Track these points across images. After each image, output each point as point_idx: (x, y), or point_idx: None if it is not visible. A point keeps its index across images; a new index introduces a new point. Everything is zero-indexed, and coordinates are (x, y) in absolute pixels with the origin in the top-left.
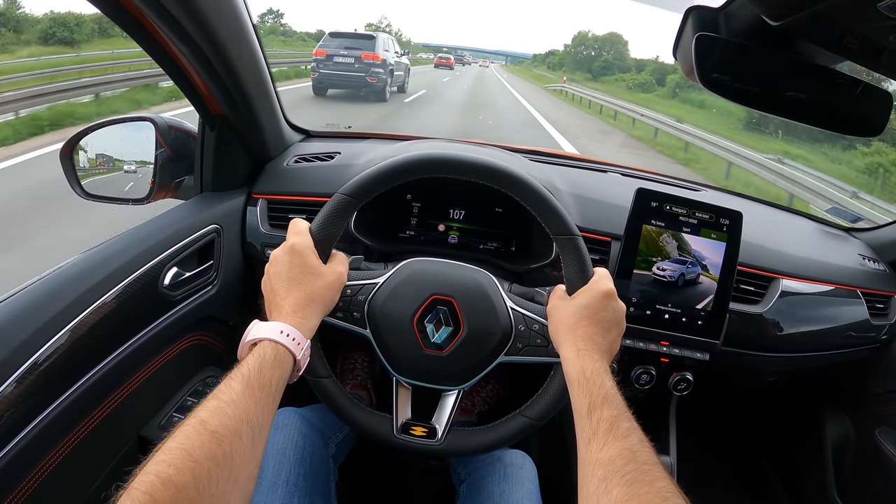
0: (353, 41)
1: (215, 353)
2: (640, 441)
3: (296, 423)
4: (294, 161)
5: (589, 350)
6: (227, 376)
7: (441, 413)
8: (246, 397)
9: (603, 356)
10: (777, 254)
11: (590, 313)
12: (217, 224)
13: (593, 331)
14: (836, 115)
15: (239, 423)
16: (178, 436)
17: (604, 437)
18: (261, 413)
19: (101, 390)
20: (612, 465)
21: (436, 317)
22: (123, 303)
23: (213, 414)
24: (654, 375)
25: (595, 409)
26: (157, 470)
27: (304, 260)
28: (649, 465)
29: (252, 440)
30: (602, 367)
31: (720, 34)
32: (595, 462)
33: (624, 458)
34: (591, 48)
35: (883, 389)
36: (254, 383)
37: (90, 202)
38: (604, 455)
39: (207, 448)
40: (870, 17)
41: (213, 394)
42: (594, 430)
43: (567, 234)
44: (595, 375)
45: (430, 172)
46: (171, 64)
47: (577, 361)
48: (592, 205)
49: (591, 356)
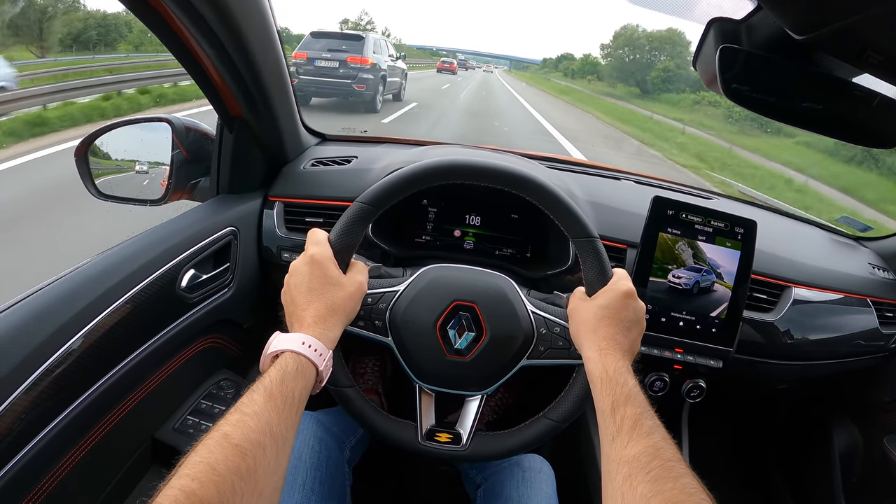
0: (339, 42)
1: (230, 356)
2: (664, 438)
3: (311, 427)
4: (311, 164)
5: (611, 349)
6: (249, 389)
7: (465, 418)
8: (269, 410)
9: (625, 355)
10: (789, 262)
11: (611, 313)
12: (234, 227)
13: (615, 330)
14: (852, 126)
15: (262, 436)
16: (201, 449)
17: (627, 435)
18: (284, 425)
19: (116, 393)
20: (637, 462)
21: (458, 323)
22: (141, 305)
23: (236, 427)
24: (668, 382)
25: (618, 407)
26: (180, 484)
27: (325, 270)
28: (673, 461)
29: (276, 453)
30: (624, 365)
31: (741, 45)
32: (619, 459)
33: (648, 455)
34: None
35: (890, 398)
36: (276, 395)
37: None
38: (628, 452)
39: (231, 461)
40: (892, 33)
41: (236, 406)
42: (618, 427)
43: (586, 237)
44: (618, 374)
45: (449, 178)
46: (194, 64)
47: (600, 361)
48: (608, 212)
49: (613, 355)
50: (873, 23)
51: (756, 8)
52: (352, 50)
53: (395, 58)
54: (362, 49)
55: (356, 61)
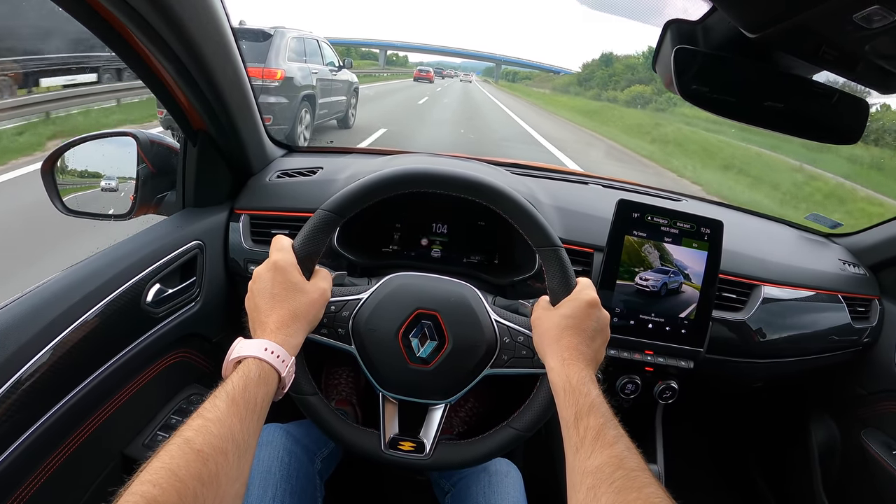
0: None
1: (199, 371)
2: (628, 448)
3: (281, 439)
4: (276, 176)
5: (574, 359)
6: (211, 394)
7: (428, 427)
8: (231, 415)
9: (588, 365)
10: (758, 261)
11: (574, 323)
12: (199, 240)
13: (578, 340)
14: (813, 123)
15: (224, 442)
16: (162, 455)
17: (591, 446)
18: (246, 431)
19: (83, 409)
20: (601, 472)
21: (420, 331)
22: (106, 320)
23: (198, 433)
24: (640, 384)
25: (582, 417)
26: (141, 490)
27: (287, 277)
28: (637, 471)
29: (238, 459)
30: (588, 375)
31: (699, 47)
32: (583, 471)
33: (612, 465)
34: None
35: (867, 391)
36: (239, 401)
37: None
38: (591, 463)
39: (193, 467)
40: (845, 29)
41: (198, 412)
42: (581, 438)
43: (549, 246)
44: (581, 384)
45: (411, 187)
46: (154, 79)
47: (563, 371)
48: (575, 217)
49: (576, 365)
50: (825, 19)
51: (712, 8)
52: (250, 56)
53: (337, 66)
54: (268, 54)
55: (255, 75)
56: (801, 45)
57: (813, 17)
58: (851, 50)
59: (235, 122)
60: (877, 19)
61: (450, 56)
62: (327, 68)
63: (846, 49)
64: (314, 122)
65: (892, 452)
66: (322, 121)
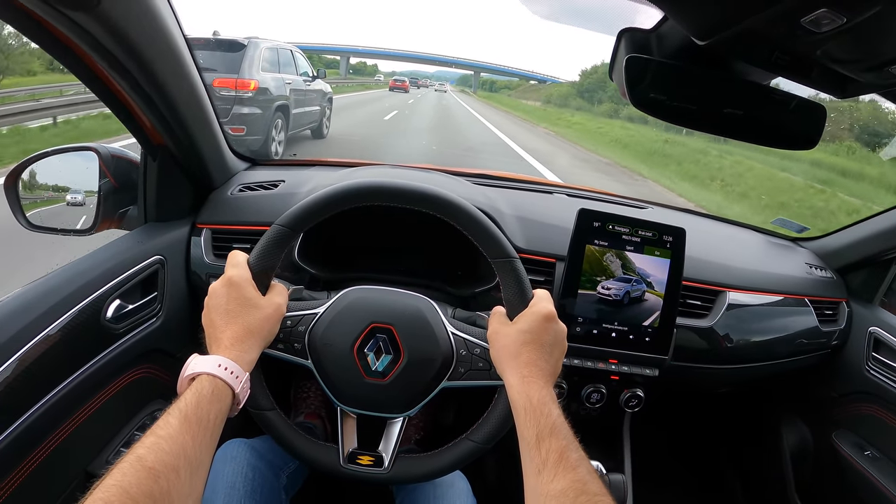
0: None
1: (162, 386)
2: (589, 472)
3: (245, 454)
4: (238, 190)
5: (534, 377)
6: (165, 411)
7: (387, 441)
8: (183, 432)
9: (548, 382)
10: (722, 267)
11: (531, 338)
12: (161, 255)
13: (536, 356)
14: (772, 130)
15: (176, 459)
16: (115, 473)
17: (553, 469)
18: (199, 448)
19: (44, 427)
20: (564, 496)
21: (376, 345)
22: (66, 337)
23: (150, 450)
24: (605, 394)
25: (543, 439)
26: None
27: (242, 292)
28: (600, 496)
29: (190, 476)
30: (548, 394)
31: (653, 55)
32: (546, 494)
33: (575, 490)
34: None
35: (837, 393)
36: (191, 418)
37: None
38: (555, 487)
39: (144, 485)
40: (795, 33)
41: (151, 429)
42: (543, 461)
43: (504, 257)
44: (541, 404)
45: (366, 200)
46: (108, 94)
47: (523, 389)
48: (536, 227)
49: (536, 383)
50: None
51: (664, 17)
52: (224, 67)
53: (311, 76)
54: (240, 66)
55: (228, 85)
56: (754, 52)
57: (760, 22)
58: (804, 55)
59: (194, 137)
60: (825, 23)
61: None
62: (301, 78)
63: (798, 54)
64: (288, 133)
65: (864, 453)
66: (296, 131)
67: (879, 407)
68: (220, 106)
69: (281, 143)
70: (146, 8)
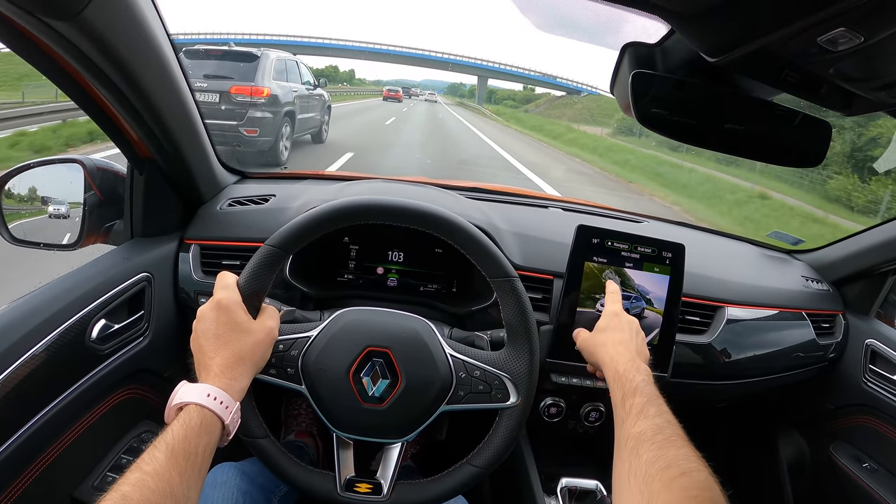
0: (220, 64)
1: (150, 407)
2: (668, 421)
3: (234, 479)
4: (228, 204)
5: (620, 354)
6: (151, 444)
7: (385, 467)
8: (170, 468)
9: (633, 357)
10: (720, 282)
11: (613, 327)
12: (148, 272)
13: (620, 337)
14: (776, 147)
15: (162, 498)
16: None
17: (634, 419)
18: (185, 485)
19: (28, 451)
20: (643, 435)
21: (372, 369)
22: (50, 358)
23: (135, 487)
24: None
25: (627, 397)
26: None
27: (232, 316)
28: (675, 437)
29: None
30: (633, 366)
31: (657, 70)
32: (627, 436)
33: (652, 430)
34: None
35: (834, 406)
36: (178, 452)
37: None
38: (635, 430)
39: None
40: (810, 52)
41: (136, 464)
42: (627, 413)
43: (504, 277)
44: (626, 372)
45: (359, 219)
46: (93, 106)
47: (612, 364)
48: (533, 243)
49: (623, 356)
50: (788, 42)
51: (670, 32)
52: (239, 75)
53: (312, 85)
54: (255, 74)
55: (244, 92)
56: (763, 69)
57: (775, 40)
58: (815, 73)
59: (182, 150)
60: (842, 42)
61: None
62: (304, 87)
63: (809, 72)
64: (293, 136)
65: (863, 465)
66: (298, 135)
67: (877, 419)
68: (236, 110)
69: (288, 143)
70: (132, 17)
